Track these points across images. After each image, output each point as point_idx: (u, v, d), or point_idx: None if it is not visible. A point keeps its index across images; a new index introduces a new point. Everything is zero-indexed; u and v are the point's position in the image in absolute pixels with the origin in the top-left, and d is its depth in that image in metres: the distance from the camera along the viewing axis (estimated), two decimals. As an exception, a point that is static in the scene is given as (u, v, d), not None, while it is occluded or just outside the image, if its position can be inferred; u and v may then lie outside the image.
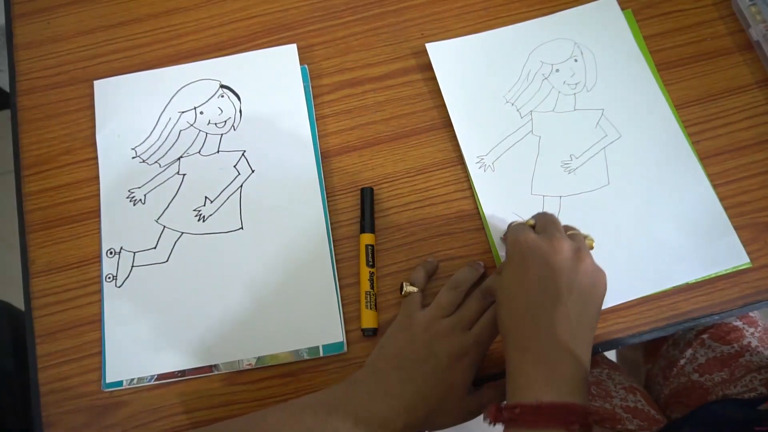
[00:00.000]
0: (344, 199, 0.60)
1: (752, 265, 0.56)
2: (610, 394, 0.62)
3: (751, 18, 0.62)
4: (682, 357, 0.65)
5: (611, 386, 0.64)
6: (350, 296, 0.56)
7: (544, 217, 0.50)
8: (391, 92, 0.63)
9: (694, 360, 0.63)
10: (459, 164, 0.60)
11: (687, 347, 0.65)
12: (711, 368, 0.62)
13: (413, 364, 0.49)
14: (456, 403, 0.49)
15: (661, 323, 0.55)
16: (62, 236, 0.59)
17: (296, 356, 0.54)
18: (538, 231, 0.48)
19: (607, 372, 0.66)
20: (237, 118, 0.62)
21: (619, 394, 0.62)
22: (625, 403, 0.61)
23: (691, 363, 0.64)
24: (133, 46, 0.66)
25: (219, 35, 0.66)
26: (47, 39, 0.67)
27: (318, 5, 0.67)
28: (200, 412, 0.54)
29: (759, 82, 0.62)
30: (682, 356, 0.65)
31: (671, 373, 0.66)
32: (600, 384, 0.64)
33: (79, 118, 0.63)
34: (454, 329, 0.50)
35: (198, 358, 0.54)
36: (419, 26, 0.66)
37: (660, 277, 0.55)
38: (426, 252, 0.57)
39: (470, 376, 0.50)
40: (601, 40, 0.64)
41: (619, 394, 0.62)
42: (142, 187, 0.60)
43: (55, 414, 0.54)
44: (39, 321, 0.57)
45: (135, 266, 0.58)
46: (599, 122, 0.61)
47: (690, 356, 0.64)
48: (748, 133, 0.60)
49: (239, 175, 0.60)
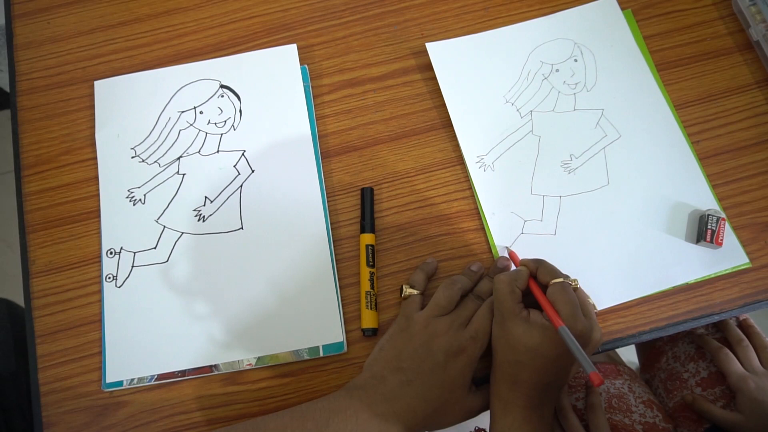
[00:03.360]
0: (344, 199, 0.60)
1: (752, 265, 0.56)
2: (630, 409, 0.63)
3: (751, 18, 0.62)
4: (684, 371, 0.65)
5: (632, 400, 0.64)
6: (350, 296, 0.56)
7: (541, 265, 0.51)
8: (391, 92, 0.63)
9: (697, 374, 0.64)
10: (459, 164, 0.60)
11: (689, 361, 0.65)
12: (713, 383, 0.62)
13: (412, 366, 0.49)
14: (456, 403, 0.49)
15: (661, 323, 0.55)
16: (62, 236, 0.59)
17: (296, 356, 0.54)
18: (539, 277, 0.50)
19: (628, 384, 0.66)
20: (237, 118, 0.62)
21: (638, 409, 0.63)
22: (644, 419, 0.61)
23: (694, 377, 0.64)
24: (133, 46, 0.66)
25: (219, 35, 0.66)
26: (47, 39, 0.67)
27: (318, 5, 0.67)
28: (200, 412, 0.54)
29: (759, 82, 0.62)
30: (684, 370, 0.65)
31: (674, 386, 0.66)
32: (622, 397, 0.64)
33: (79, 118, 0.63)
34: (452, 327, 0.50)
35: (198, 358, 0.54)
36: (419, 26, 0.66)
37: (660, 277, 0.55)
38: (426, 252, 0.57)
39: (469, 374, 0.50)
40: (601, 40, 0.64)
41: (639, 409, 0.63)
42: (141, 187, 0.60)
43: (56, 414, 0.54)
44: (39, 321, 0.57)
45: (135, 266, 0.58)
46: (599, 122, 0.61)
47: (693, 370, 0.64)
48: (747, 133, 0.60)
49: (239, 175, 0.60)
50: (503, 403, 0.48)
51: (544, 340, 0.46)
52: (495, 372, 0.50)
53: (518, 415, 0.47)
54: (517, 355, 0.47)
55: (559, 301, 0.46)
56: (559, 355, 0.46)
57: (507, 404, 0.48)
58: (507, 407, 0.48)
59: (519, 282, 0.49)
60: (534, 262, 0.51)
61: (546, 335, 0.46)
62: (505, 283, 0.49)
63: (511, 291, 0.48)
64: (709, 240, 0.55)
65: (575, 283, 0.50)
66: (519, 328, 0.47)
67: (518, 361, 0.47)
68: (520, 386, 0.47)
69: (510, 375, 0.48)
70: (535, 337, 0.46)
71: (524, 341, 0.46)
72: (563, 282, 0.48)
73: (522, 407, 0.47)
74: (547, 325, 0.46)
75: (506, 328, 0.48)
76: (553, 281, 0.48)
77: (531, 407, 0.47)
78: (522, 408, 0.47)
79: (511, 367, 0.47)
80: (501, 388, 0.48)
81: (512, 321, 0.47)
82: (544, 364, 0.46)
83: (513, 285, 0.49)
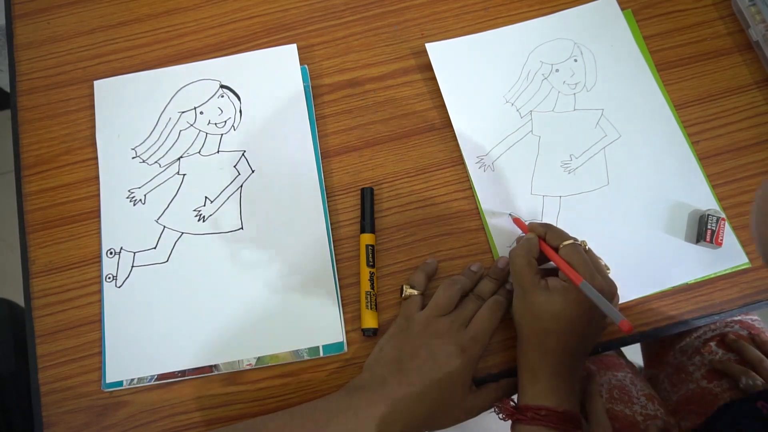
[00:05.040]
0: (344, 199, 0.60)
1: (752, 265, 0.56)
2: (632, 400, 0.63)
3: (751, 18, 0.62)
4: (690, 364, 0.65)
5: (633, 392, 0.64)
6: (350, 296, 0.56)
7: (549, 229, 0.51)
8: (391, 92, 0.63)
9: (703, 367, 0.63)
10: (459, 164, 0.60)
11: (695, 354, 0.65)
12: (720, 375, 0.62)
13: (411, 366, 0.49)
14: (456, 403, 0.49)
15: (661, 323, 0.55)
16: (62, 236, 0.59)
17: (296, 356, 0.54)
18: (549, 241, 0.51)
19: (630, 377, 0.66)
20: (237, 118, 0.62)
21: (640, 401, 0.63)
22: (646, 411, 0.61)
23: (700, 369, 0.64)
24: (133, 46, 0.66)
25: (219, 35, 0.66)
26: (47, 39, 0.67)
27: (318, 5, 0.67)
28: (200, 412, 0.54)
29: (759, 82, 0.62)
30: (690, 363, 0.65)
31: (679, 380, 0.66)
32: (623, 389, 0.64)
33: (79, 118, 0.63)
34: (452, 327, 0.50)
35: (198, 358, 0.54)
36: (419, 26, 0.66)
37: (660, 277, 0.55)
38: (426, 252, 0.57)
39: (469, 374, 0.50)
40: (601, 40, 0.64)
41: (640, 401, 0.63)
42: (142, 187, 0.60)
43: (56, 414, 0.54)
44: (39, 321, 0.57)
45: (135, 266, 0.58)
46: (599, 122, 0.61)
47: (698, 363, 0.64)
48: (747, 133, 0.60)
49: (239, 175, 0.60)
50: (532, 373, 0.49)
51: (566, 302, 0.47)
52: (522, 345, 0.50)
53: (546, 383, 0.48)
54: (543, 323, 0.48)
55: (574, 261, 0.48)
56: (582, 313, 0.47)
57: (535, 373, 0.49)
58: (536, 376, 0.48)
59: (533, 251, 0.50)
60: (542, 226, 0.52)
61: (568, 297, 0.47)
62: (521, 256, 0.50)
63: (528, 263, 0.49)
64: (709, 240, 0.55)
65: (584, 245, 0.50)
66: (541, 297, 0.48)
67: (545, 329, 0.48)
68: (549, 354, 0.48)
69: (538, 345, 0.49)
70: (558, 302, 0.47)
71: (547, 308, 0.47)
72: (574, 243, 0.49)
73: (550, 374, 0.48)
74: (567, 287, 0.47)
75: (528, 301, 0.49)
76: (564, 243, 0.49)
77: (558, 374, 0.48)
78: (550, 375, 0.48)
79: (539, 337, 0.48)
80: (529, 359, 0.49)
81: (533, 293, 0.48)
82: (570, 327, 0.47)
83: (528, 256, 0.50)
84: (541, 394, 0.48)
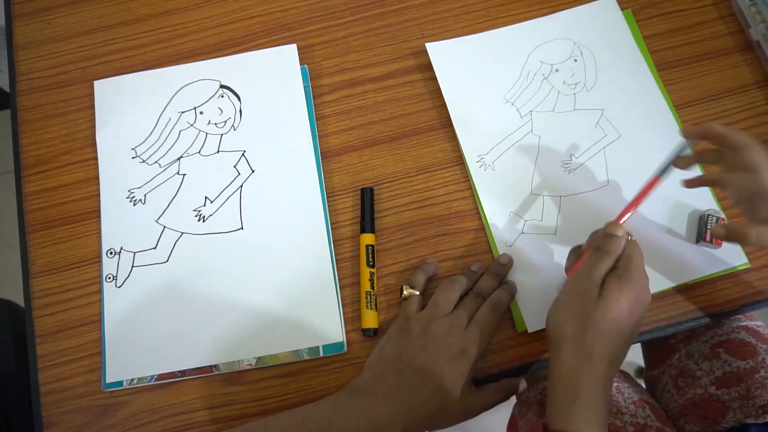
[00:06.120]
0: (344, 199, 0.60)
1: (751, 266, 0.56)
2: (620, 410, 0.62)
3: (751, 18, 0.62)
4: (698, 369, 0.64)
5: (621, 402, 0.63)
6: (350, 296, 0.56)
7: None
8: (391, 92, 0.63)
9: (711, 373, 0.63)
10: (459, 164, 0.60)
11: (704, 360, 0.65)
12: (728, 382, 0.62)
13: (411, 366, 0.49)
14: (456, 404, 0.49)
15: (661, 323, 0.55)
16: (62, 236, 0.59)
17: (296, 356, 0.54)
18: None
19: (616, 386, 0.66)
20: (237, 118, 0.62)
21: (629, 410, 0.62)
22: (635, 420, 0.61)
23: (708, 376, 0.63)
24: (133, 46, 0.66)
25: (219, 35, 0.66)
26: (47, 39, 0.67)
27: (318, 5, 0.67)
28: (200, 412, 0.54)
29: (759, 82, 0.62)
30: (698, 368, 0.64)
31: (686, 384, 0.65)
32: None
33: (79, 118, 0.63)
34: (452, 328, 0.50)
35: (198, 358, 0.54)
36: (419, 26, 0.66)
37: (660, 278, 0.55)
38: (426, 252, 0.57)
39: (469, 374, 0.50)
40: (600, 40, 0.64)
41: (630, 409, 0.62)
42: (142, 187, 0.60)
43: (56, 414, 0.54)
44: (39, 321, 0.57)
45: (135, 266, 0.58)
46: (599, 122, 0.61)
47: (707, 369, 0.64)
48: (747, 133, 0.60)
49: (239, 175, 0.60)
50: (573, 386, 0.45)
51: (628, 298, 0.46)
52: (560, 352, 0.47)
53: (587, 403, 0.45)
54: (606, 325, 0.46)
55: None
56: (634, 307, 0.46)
57: (577, 388, 0.45)
58: (577, 391, 0.45)
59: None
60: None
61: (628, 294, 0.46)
62: (639, 250, 0.48)
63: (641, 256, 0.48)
64: (709, 240, 0.55)
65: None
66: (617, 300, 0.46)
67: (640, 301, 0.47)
68: (594, 362, 0.46)
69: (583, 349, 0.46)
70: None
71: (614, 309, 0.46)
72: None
73: (593, 391, 0.45)
74: (622, 285, 0.46)
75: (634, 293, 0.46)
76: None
77: (603, 390, 0.46)
78: (593, 392, 0.45)
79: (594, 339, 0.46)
80: (569, 368, 0.46)
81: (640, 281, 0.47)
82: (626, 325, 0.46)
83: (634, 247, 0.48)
84: (581, 418, 0.44)
